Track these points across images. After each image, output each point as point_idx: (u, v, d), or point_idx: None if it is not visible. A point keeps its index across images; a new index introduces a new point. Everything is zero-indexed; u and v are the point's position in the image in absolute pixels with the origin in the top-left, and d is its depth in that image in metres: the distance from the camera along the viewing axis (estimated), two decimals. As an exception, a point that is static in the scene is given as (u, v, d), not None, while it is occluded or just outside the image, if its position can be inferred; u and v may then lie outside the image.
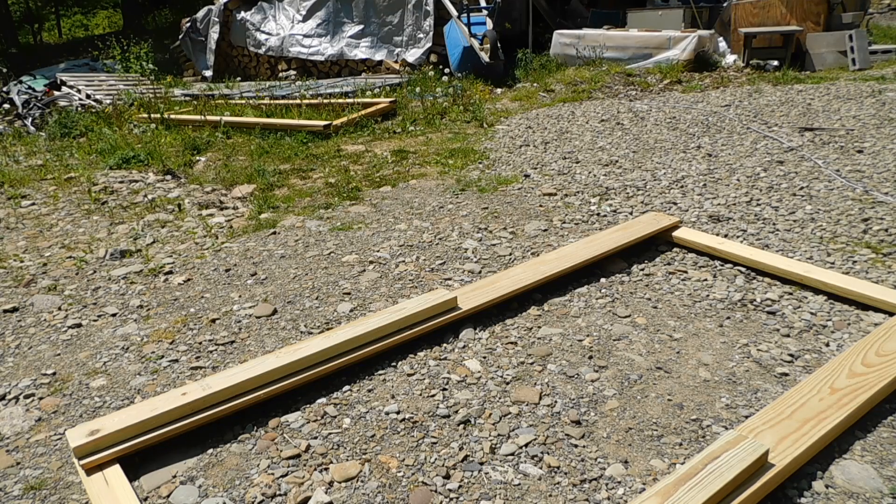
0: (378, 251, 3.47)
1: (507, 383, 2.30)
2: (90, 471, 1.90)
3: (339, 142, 5.91)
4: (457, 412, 2.16)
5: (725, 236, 3.36)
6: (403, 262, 3.32)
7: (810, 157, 4.42)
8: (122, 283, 3.31)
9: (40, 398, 2.38)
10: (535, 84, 7.86)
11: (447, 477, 1.89)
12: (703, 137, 5.12)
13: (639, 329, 2.60)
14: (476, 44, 8.24)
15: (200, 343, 2.68)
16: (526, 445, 1.99)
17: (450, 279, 3.12)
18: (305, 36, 9.96)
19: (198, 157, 5.69)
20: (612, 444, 1.99)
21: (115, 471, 1.90)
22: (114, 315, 2.98)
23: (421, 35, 9.14)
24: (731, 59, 8.07)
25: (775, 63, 7.64)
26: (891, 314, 2.54)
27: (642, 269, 3.09)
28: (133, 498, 1.80)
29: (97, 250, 3.71)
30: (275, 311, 2.91)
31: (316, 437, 2.08)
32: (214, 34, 10.61)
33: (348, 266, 3.31)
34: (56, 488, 1.95)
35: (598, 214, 3.78)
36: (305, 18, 9.99)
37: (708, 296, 2.82)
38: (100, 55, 11.63)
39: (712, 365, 2.35)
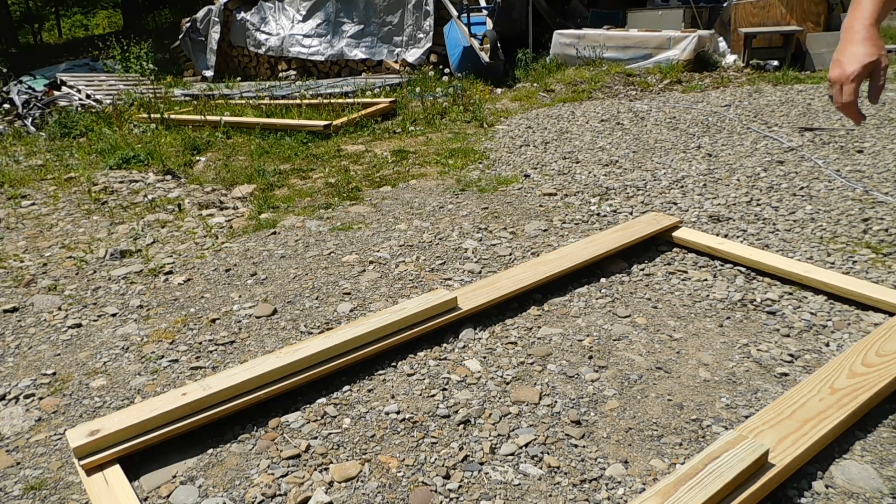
0: (378, 251, 3.47)
1: (507, 383, 2.30)
2: (90, 471, 1.90)
3: (339, 142, 5.91)
4: (457, 412, 2.16)
5: (725, 236, 3.36)
6: (403, 262, 3.32)
7: (810, 157, 4.42)
8: (122, 283, 3.31)
9: (40, 398, 2.38)
10: (535, 84, 7.86)
11: (447, 477, 1.89)
12: (703, 137, 5.12)
13: (639, 329, 2.60)
14: (476, 44, 8.24)
15: (200, 343, 2.68)
16: (526, 445, 1.99)
17: (450, 279, 3.12)
18: (305, 36, 9.96)
19: (198, 157, 5.69)
20: (612, 444, 1.99)
21: (115, 471, 1.90)
22: (114, 315, 2.98)
23: (421, 35, 9.14)
24: (731, 59, 8.07)
25: (775, 63, 7.64)
26: (891, 314, 2.54)
27: (642, 269, 3.09)
28: (133, 498, 1.80)
29: (97, 250, 3.71)
30: (275, 311, 2.91)
31: (316, 437, 2.08)
32: (215, 34, 10.61)
33: (348, 266, 3.31)
34: (56, 488, 1.95)
35: (598, 214, 3.78)
36: (305, 18, 9.99)
37: (708, 296, 2.82)
38: (100, 55, 11.63)
39: (712, 365, 2.35)
